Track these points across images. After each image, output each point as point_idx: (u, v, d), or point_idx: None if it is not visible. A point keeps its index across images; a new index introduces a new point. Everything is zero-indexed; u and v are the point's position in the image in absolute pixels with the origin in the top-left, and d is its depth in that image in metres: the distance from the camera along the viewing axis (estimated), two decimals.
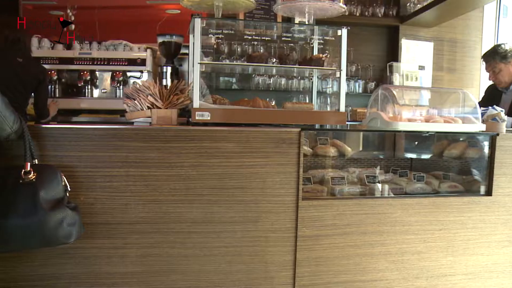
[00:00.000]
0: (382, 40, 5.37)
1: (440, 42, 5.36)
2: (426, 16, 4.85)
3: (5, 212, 1.78)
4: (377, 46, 5.36)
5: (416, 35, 5.24)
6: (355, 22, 5.01)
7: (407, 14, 5.09)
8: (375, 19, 5.15)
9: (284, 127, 2.24)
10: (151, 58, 4.19)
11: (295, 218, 2.23)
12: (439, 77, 5.32)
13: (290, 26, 2.85)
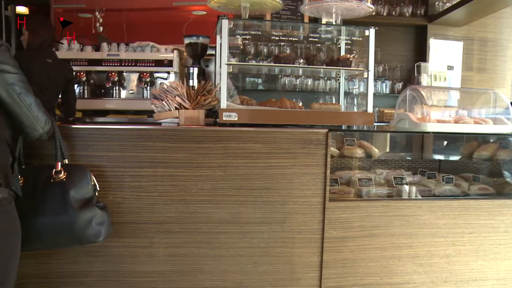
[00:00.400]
0: (409, 40, 5.30)
1: (470, 42, 5.25)
2: (455, 15, 4.76)
3: (37, 210, 1.82)
4: (405, 46, 5.29)
5: (445, 34, 5.15)
6: (382, 22, 4.95)
7: (436, 13, 5.01)
8: (403, 19, 5.08)
9: (311, 128, 2.23)
10: (178, 59, 4.22)
11: (322, 219, 2.21)
12: (469, 77, 5.22)
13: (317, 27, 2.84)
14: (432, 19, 5.06)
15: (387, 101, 5.03)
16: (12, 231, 1.69)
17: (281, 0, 2.50)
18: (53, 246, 1.98)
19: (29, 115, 1.73)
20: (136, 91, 4.37)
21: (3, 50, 1.64)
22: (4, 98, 1.65)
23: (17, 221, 1.71)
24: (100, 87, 4.39)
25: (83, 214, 1.85)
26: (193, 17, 5.05)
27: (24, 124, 1.75)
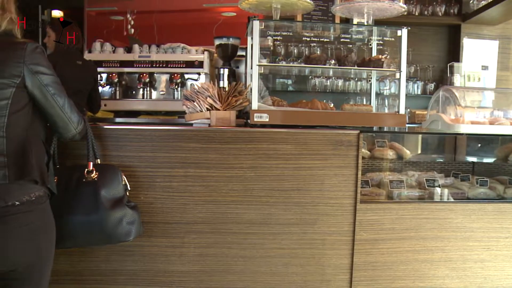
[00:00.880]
0: (442, 39, 5.20)
1: (506, 40, 5.12)
2: (491, 13, 4.65)
3: (70, 209, 1.85)
4: (437, 46, 5.20)
5: (479, 33, 5.04)
6: (414, 22, 4.88)
7: (470, 11, 4.90)
8: (435, 18, 4.99)
9: (342, 129, 2.21)
10: (208, 60, 4.25)
11: (352, 221, 2.20)
12: (505, 77, 5.09)
13: (348, 27, 2.82)
14: (466, 18, 4.96)
15: (419, 102, 4.96)
16: (48, 228, 1.73)
17: (312, 1, 2.49)
18: (85, 244, 2.03)
19: (62, 116, 1.76)
20: (167, 92, 4.41)
21: (39, 52, 1.68)
22: (39, 99, 1.69)
23: (52, 219, 1.75)
24: (132, 88, 4.45)
25: (114, 213, 1.87)
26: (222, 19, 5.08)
27: (57, 125, 1.78)
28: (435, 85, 5.05)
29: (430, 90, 5.02)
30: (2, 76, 1.59)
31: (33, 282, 1.70)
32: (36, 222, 1.67)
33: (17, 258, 1.63)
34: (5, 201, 1.58)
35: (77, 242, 1.95)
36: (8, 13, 1.66)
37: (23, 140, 1.65)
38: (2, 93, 1.59)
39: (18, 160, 1.62)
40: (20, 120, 1.64)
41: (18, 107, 1.63)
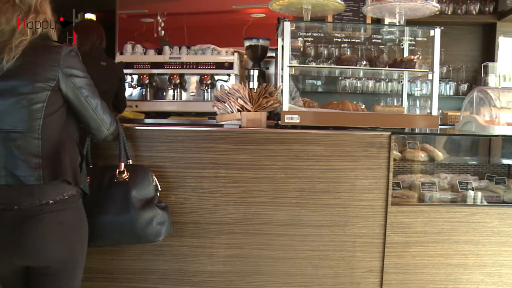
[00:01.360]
0: (476, 39, 5.09)
1: None
2: None
3: (101, 209, 1.89)
4: (471, 46, 5.09)
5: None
6: (446, 21, 4.79)
7: (506, 9, 4.78)
8: (469, 17, 4.88)
9: (373, 130, 2.19)
10: (238, 62, 4.25)
11: (383, 223, 2.17)
12: None
13: (379, 28, 2.79)
14: (502, 16, 4.83)
15: (451, 103, 4.87)
16: (81, 226, 1.77)
17: (343, 1, 2.47)
18: (116, 244, 2.05)
19: (95, 117, 1.79)
20: (197, 93, 4.44)
21: (73, 55, 1.70)
22: (72, 101, 1.72)
23: (85, 217, 1.78)
24: (162, 89, 4.49)
25: (144, 214, 1.90)
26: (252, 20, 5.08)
27: (90, 126, 1.81)
28: (468, 85, 4.95)
29: (463, 91, 4.92)
30: (37, 80, 1.62)
31: (66, 278, 1.74)
32: (69, 220, 1.71)
33: (51, 255, 1.67)
34: (39, 200, 1.62)
35: (108, 242, 1.97)
36: (42, 14, 1.67)
37: (57, 142, 1.68)
38: (37, 96, 1.62)
39: (52, 161, 1.65)
40: (54, 122, 1.67)
41: (52, 109, 1.66)
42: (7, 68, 1.59)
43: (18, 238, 1.62)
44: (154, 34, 5.15)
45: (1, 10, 1.61)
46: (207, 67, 4.22)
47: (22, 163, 1.60)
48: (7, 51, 1.58)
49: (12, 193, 1.61)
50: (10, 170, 1.60)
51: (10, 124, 1.61)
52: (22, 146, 1.61)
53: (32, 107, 1.61)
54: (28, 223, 1.62)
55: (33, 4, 1.66)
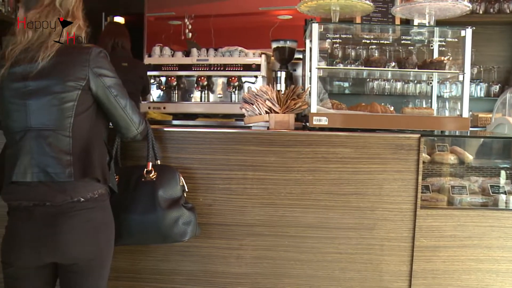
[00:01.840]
0: (509, 38, 4.96)
1: None
2: None
3: (128, 207, 1.92)
4: (503, 46, 4.96)
5: None
6: (477, 21, 4.68)
7: None
8: (502, 16, 4.75)
9: (402, 132, 2.17)
10: (265, 63, 4.24)
11: (412, 227, 2.14)
12: None
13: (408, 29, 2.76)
14: None
15: (482, 105, 4.77)
16: (108, 225, 1.80)
17: (372, 2, 2.46)
18: (142, 242, 2.08)
19: (125, 117, 1.82)
20: (224, 95, 4.46)
21: (102, 56, 1.75)
22: (102, 100, 1.76)
23: (112, 216, 1.82)
24: (190, 91, 4.52)
25: (170, 213, 1.92)
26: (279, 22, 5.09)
27: (119, 125, 1.85)
28: (500, 87, 4.83)
29: (495, 92, 4.82)
30: (69, 79, 1.67)
31: (93, 276, 1.78)
32: (98, 218, 1.74)
33: (79, 253, 1.71)
34: (71, 197, 1.66)
35: (134, 240, 2.00)
36: (77, 20, 1.75)
37: (87, 140, 1.73)
38: (68, 95, 1.67)
39: (82, 159, 1.69)
40: (84, 121, 1.72)
41: (83, 108, 1.70)
42: (42, 67, 1.64)
43: (49, 234, 1.67)
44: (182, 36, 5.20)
45: (43, 13, 1.68)
46: (234, 69, 4.22)
47: (53, 160, 1.65)
48: (43, 50, 1.65)
49: (45, 189, 1.66)
50: (42, 167, 1.65)
51: (43, 122, 1.66)
52: (54, 144, 1.66)
53: (63, 106, 1.66)
54: (59, 219, 1.66)
55: (71, 8, 1.73)
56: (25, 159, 1.65)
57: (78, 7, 1.77)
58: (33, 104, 1.66)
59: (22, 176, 1.65)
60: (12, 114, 1.69)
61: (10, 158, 1.69)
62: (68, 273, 1.74)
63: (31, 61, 1.66)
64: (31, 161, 1.65)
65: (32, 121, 1.67)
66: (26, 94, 1.66)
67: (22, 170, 1.65)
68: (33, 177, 1.65)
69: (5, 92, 1.69)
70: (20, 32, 1.69)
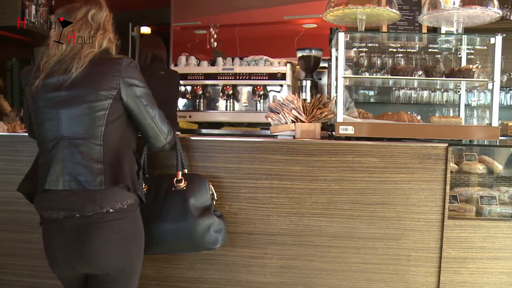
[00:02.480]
0: None
1: None
2: None
3: (159, 216, 1.94)
4: None
5: None
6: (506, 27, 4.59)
7: None
8: None
9: (429, 142, 2.15)
10: (291, 72, 4.25)
11: (439, 237, 2.11)
12: None
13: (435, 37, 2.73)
14: None
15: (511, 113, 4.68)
16: (138, 235, 1.83)
17: (398, 11, 2.44)
18: (173, 251, 2.10)
19: (154, 126, 1.85)
20: (249, 104, 4.47)
21: (133, 66, 1.79)
22: (132, 109, 1.79)
23: (142, 226, 1.84)
24: (215, 100, 4.55)
25: (202, 222, 1.94)
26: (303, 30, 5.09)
27: (148, 135, 1.88)
28: None
29: None
30: (101, 89, 1.71)
31: (122, 284, 1.80)
32: (128, 229, 1.77)
33: (110, 263, 1.74)
34: (101, 207, 1.69)
35: (166, 249, 2.03)
36: (108, 32, 1.80)
37: (117, 149, 1.76)
38: (100, 104, 1.71)
39: (113, 168, 1.72)
40: (115, 130, 1.75)
41: (114, 117, 1.74)
42: (75, 77, 1.69)
43: (79, 246, 1.70)
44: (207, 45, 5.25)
45: (75, 27, 1.74)
46: (259, 78, 4.23)
47: (85, 168, 1.68)
48: (76, 60, 1.70)
49: (75, 199, 1.69)
50: (74, 175, 1.68)
51: (75, 131, 1.70)
52: (85, 152, 1.69)
53: (95, 115, 1.70)
54: (89, 230, 1.69)
55: (102, 22, 1.79)
56: (57, 167, 1.69)
57: (109, 21, 1.83)
58: (65, 113, 1.71)
59: (54, 184, 1.69)
60: (45, 123, 1.74)
61: (43, 167, 1.74)
62: (98, 282, 1.77)
63: (64, 72, 1.71)
64: (63, 170, 1.69)
65: (64, 130, 1.71)
66: (58, 103, 1.71)
67: (54, 178, 1.69)
68: (65, 185, 1.69)
69: (39, 102, 1.74)
70: (54, 45, 1.74)
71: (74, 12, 1.77)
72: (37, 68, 1.75)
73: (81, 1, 1.79)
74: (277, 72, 4.18)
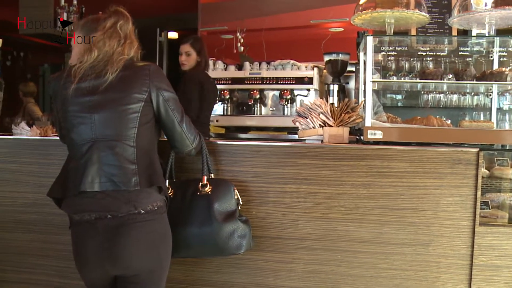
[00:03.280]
0: None
1: None
2: None
3: (185, 221, 1.96)
4: None
5: None
6: None
7: None
8: None
9: (459, 146, 2.11)
10: (318, 77, 4.23)
11: (470, 244, 2.07)
12: None
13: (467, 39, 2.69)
14: None
15: None
16: (166, 237, 1.86)
17: (427, 14, 2.42)
18: (198, 255, 2.12)
19: (180, 131, 1.89)
20: (277, 108, 4.47)
21: (160, 72, 1.86)
22: (161, 113, 1.84)
23: (169, 228, 1.87)
24: (242, 104, 4.57)
25: (226, 226, 1.95)
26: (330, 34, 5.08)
27: (175, 139, 1.91)
28: None
29: None
30: (133, 91, 1.76)
31: (151, 287, 1.83)
32: (158, 230, 1.80)
33: (140, 264, 1.76)
34: (135, 207, 1.72)
35: (191, 253, 2.05)
36: (134, 42, 1.86)
37: (148, 151, 1.81)
38: (133, 107, 1.75)
39: (147, 169, 1.76)
40: (146, 132, 1.80)
41: (145, 120, 1.79)
42: (110, 81, 1.74)
43: (111, 246, 1.73)
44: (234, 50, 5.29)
45: (106, 35, 1.79)
46: (286, 82, 4.22)
47: (119, 169, 1.72)
48: (110, 65, 1.75)
49: (110, 200, 1.72)
50: (109, 176, 1.72)
51: (108, 133, 1.75)
52: (120, 153, 1.73)
53: (128, 117, 1.75)
54: (120, 231, 1.72)
55: (128, 32, 1.84)
56: (92, 169, 1.73)
57: (133, 31, 1.89)
58: (99, 116, 1.75)
59: (90, 186, 1.72)
60: (78, 127, 1.78)
61: (76, 170, 1.77)
62: (127, 283, 1.80)
63: (97, 77, 1.76)
64: (99, 171, 1.72)
65: (98, 132, 1.75)
66: (92, 107, 1.75)
67: (90, 180, 1.72)
68: (101, 187, 1.72)
69: (71, 107, 1.78)
70: (86, 51, 1.79)
71: (103, 21, 1.83)
72: (68, 73, 1.80)
73: (108, 12, 1.85)
74: (304, 76, 4.17)
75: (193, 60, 3.62)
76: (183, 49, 3.65)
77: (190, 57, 3.61)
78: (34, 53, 6.85)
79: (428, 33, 3.41)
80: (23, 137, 2.51)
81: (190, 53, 3.62)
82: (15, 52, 6.66)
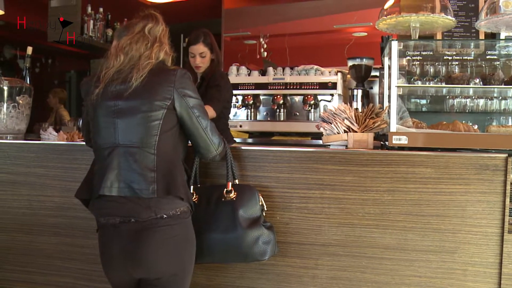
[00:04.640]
0: None
1: None
2: None
3: (209, 226, 1.97)
4: None
5: None
6: None
7: None
8: None
9: (486, 152, 2.07)
10: (341, 82, 4.22)
11: (499, 252, 2.03)
12: None
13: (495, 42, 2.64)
14: None
15: None
16: (190, 242, 1.87)
17: (454, 17, 2.39)
18: (222, 261, 2.12)
19: (205, 137, 1.90)
20: (300, 114, 4.47)
21: (187, 78, 1.85)
22: (185, 120, 1.85)
23: (193, 234, 1.88)
24: (266, 109, 4.58)
25: (250, 233, 1.94)
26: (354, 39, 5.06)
27: (199, 145, 1.92)
28: None
29: None
30: (156, 99, 1.77)
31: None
32: (181, 235, 1.81)
33: (163, 267, 1.78)
34: (155, 213, 1.74)
35: (215, 258, 2.05)
36: (164, 45, 1.87)
37: (170, 159, 1.81)
38: (155, 114, 1.76)
39: (166, 177, 1.77)
40: (168, 140, 1.81)
41: (167, 127, 1.79)
42: (135, 87, 1.76)
43: (134, 250, 1.75)
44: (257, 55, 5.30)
45: (133, 39, 1.82)
46: (310, 88, 4.22)
47: (139, 176, 1.74)
48: (136, 71, 1.77)
49: (131, 205, 1.74)
50: (128, 182, 1.74)
51: (130, 139, 1.77)
52: (140, 160, 1.75)
53: (150, 124, 1.76)
54: (144, 235, 1.74)
55: (158, 35, 1.86)
56: (112, 174, 1.75)
57: (165, 34, 1.90)
58: (121, 122, 1.77)
59: (109, 190, 1.75)
60: (101, 131, 1.81)
61: (98, 173, 1.81)
62: (151, 287, 1.82)
63: (123, 82, 1.78)
64: (118, 177, 1.75)
65: (120, 138, 1.77)
66: (115, 112, 1.78)
67: (109, 184, 1.75)
68: (120, 192, 1.75)
69: (98, 111, 1.82)
70: (112, 56, 1.82)
71: (132, 26, 1.86)
72: (97, 78, 1.83)
73: (139, 17, 1.87)
74: (328, 81, 4.16)
75: (208, 60, 3.20)
76: (196, 50, 3.18)
77: (205, 58, 3.18)
78: (61, 60, 7.00)
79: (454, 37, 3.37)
80: (50, 142, 2.56)
81: (205, 54, 3.18)
82: (44, 59, 6.83)
